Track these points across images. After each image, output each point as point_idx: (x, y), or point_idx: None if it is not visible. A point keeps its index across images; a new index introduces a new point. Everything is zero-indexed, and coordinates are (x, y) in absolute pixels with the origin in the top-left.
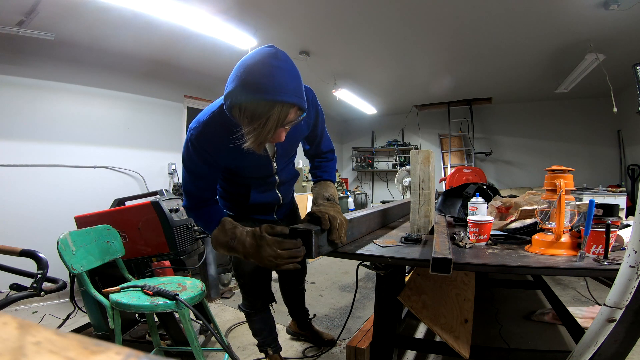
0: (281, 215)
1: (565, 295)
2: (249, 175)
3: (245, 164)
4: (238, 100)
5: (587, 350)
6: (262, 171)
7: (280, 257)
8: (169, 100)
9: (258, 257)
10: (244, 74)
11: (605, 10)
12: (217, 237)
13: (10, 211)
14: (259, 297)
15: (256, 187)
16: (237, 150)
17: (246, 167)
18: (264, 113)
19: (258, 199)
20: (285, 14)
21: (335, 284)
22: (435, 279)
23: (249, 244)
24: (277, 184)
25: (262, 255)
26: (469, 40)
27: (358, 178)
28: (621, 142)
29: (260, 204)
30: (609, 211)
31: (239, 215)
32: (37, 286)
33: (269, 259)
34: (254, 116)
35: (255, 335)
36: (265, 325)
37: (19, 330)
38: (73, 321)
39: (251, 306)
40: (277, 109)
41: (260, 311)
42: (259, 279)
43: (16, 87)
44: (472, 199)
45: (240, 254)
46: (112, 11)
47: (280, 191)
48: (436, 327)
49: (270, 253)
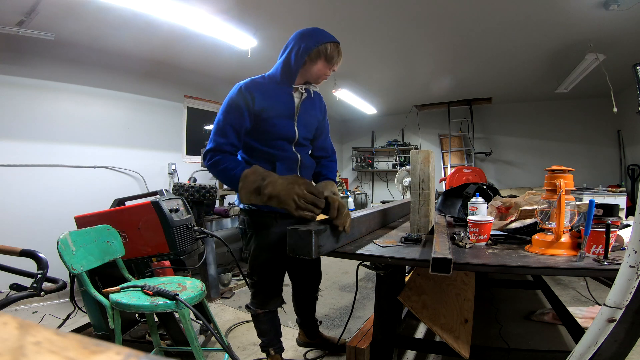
0: None
1: (565, 295)
2: (274, 130)
3: (272, 114)
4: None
5: (587, 350)
6: (285, 129)
7: (305, 197)
8: (169, 100)
9: (286, 194)
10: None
11: (605, 10)
12: (248, 176)
13: (10, 211)
14: (270, 297)
15: (281, 161)
16: (272, 97)
17: (273, 117)
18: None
19: (283, 173)
20: (285, 14)
21: (335, 284)
22: (435, 279)
23: (280, 184)
24: (300, 165)
25: (291, 192)
26: (469, 41)
27: (358, 178)
28: (621, 142)
29: None
30: (609, 211)
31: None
32: (37, 286)
33: (296, 196)
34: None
35: (260, 336)
36: (271, 326)
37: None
38: (73, 321)
39: (260, 305)
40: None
41: (268, 312)
42: (272, 276)
43: (16, 87)
44: (472, 199)
45: (266, 196)
46: (112, 11)
47: (302, 175)
48: (436, 327)
49: (298, 191)
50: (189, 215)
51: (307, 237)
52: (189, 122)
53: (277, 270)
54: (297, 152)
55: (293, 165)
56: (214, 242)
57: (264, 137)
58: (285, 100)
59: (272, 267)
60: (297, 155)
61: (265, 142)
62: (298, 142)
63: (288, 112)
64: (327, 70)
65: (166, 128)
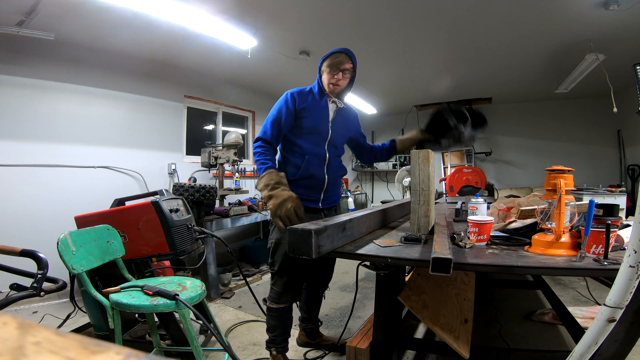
0: (325, 205)
1: (565, 295)
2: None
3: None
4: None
5: (587, 350)
6: (320, 124)
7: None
8: (169, 100)
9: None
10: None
11: (605, 10)
12: (271, 175)
13: (10, 211)
14: (287, 290)
15: (311, 156)
16: (311, 101)
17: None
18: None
19: (309, 168)
20: (285, 14)
21: (335, 284)
22: (435, 279)
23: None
24: (327, 163)
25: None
26: (469, 40)
27: (358, 178)
28: (621, 142)
29: (310, 177)
30: (609, 211)
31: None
32: (37, 286)
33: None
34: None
35: (268, 331)
36: (281, 323)
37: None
38: (73, 321)
39: (277, 299)
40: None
41: (282, 308)
42: (291, 269)
43: (16, 87)
44: (472, 198)
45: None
46: (112, 11)
47: (327, 173)
48: (436, 327)
49: (287, 205)
50: (189, 215)
51: (307, 237)
52: (189, 122)
53: (296, 264)
54: (328, 151)
55: (321, 162)
56: (214, 242)
57: (301, 131)
58: (321, 106)
59: (293, 259)
60: (326, 153)
61: (301, 135)
62: (330, 142)
63: (324, 114)
64: (331, 77)
65: (166, 128)
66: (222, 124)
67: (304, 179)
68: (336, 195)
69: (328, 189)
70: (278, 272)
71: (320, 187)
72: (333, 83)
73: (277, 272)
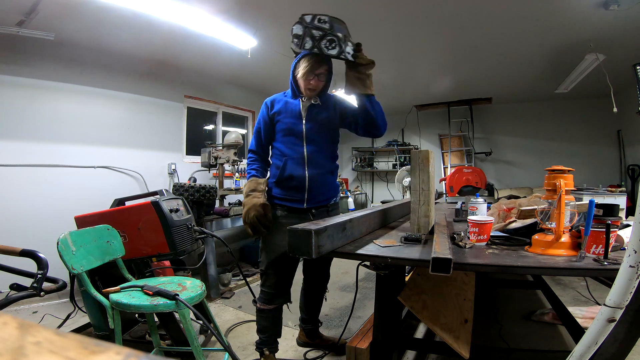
0: (312, 205)
1: (565, 295)
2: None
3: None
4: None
5: (587, 350)
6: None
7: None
8: (169, 100)
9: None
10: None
11: (605, 10)
12: (250, 182)
13: (10, 211)
14: (277, 291)
15: (290, 159)
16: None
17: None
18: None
19: (288, 169)
20: (285, 14)
21: (335, 284)
22: (435, 279)
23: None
24: (307, 162)
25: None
26: (469, 41)
27: (358, 178)
28: (621, 142)
29: (289, 178)
30: (609, 211)
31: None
32: (37, 286)
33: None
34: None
35: (259, 332)
36: (272, 324)
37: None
38: (73, 321)
39: (267, 300)
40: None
41: (272, 309)
42: (279, 269)
43: (16, 87)
44: (472, 198)
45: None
46: (112, 11)
47: (309, 172)
48: (436, 327)
49: (250, 213)
50: (189, 215)
51: (307, 237)
52: (189, 122)
53: (284, 264)
54: (307, 149)
55: (300, 162)
56: (214, 242)
57: (277, 135)
58: (294, 107)
59: (280, 260)
60: (304, 152)
61: (280, 139)
62: (309, 139)
63: (296, 114)
64: (307, 83)
65: (166, 128)
66: (222, 124)
67: (284, 180)
68: (326, 193)
69: (312, 188)
70: (266, 273)
71: (302, 187)
72: (310, 89)
73: (265, 273)
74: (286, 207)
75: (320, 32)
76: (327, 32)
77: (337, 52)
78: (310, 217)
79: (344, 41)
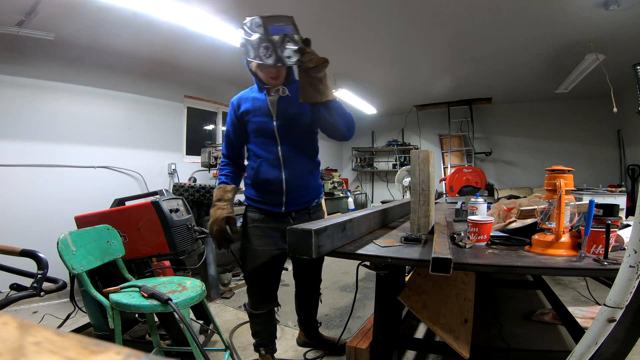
0: (291, 208)
1: (565, 295)
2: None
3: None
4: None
5: (587, 350)
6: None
7: (215, 237)
8: (169, 100)
9: (211, 222)
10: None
11: (605, 10)
12: (217, 191)
13: (10, 211)
14: (262, 298)
15: (264, 160)
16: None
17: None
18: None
19: (263, 172)
20: (285, 14)
21: (335, 284)
22: (435, 279)
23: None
24: (283, 163)
25: (212, 223)
26: (469, 41)
27: (358, 178)
28: (621, 142)
29: (266, 181)
30: (609, 211)
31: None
32: (37, 286)
33: (212, 228)
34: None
35: (253, 336)
36: (265, 327)
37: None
38: (73, 321)
39: (254, 306)
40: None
41: (262, 313)
42: (263, 277)
43: (16, 87)
44: (472, 198)
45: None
46: (112, 11)
47: (286, 174)
48: (436, 327)
49: (213, 227)
50: (189, 215)
51: (307, 237)
52: (189, 122)
53: (266, 270)
54: (282, 149)
55: (275, 163)
56: (213, 242)
57: (249, 136)
58: (261, 103)
59: (262, 267)
60: (279, 152)
61: (252, 140)
62: (282, 138)
63: (265, 111)
64: (266, 75)
65: (166, 128)
66: (222, 124)
67: (260, 183)
68: (306, 195)
69: (291, 191)
70: (249, 280)
71: (279, 190)
72: (272, 77)
73: (249, 280)
74: (263, 211)
75: (257, 39)
76: (262, 38)
77: (274, 60)
78: (290, 221)
79: (280, 45)
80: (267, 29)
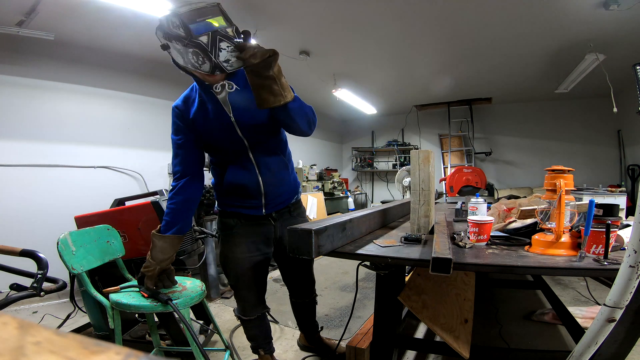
0: (271, 209)
1: (565, 295)
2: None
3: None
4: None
5: (587, 350)
6: (221, 134)
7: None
8: (169, 100)
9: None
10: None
11: (605, 10)
12: (157, 240)
13: (10, 211)
14: (249, 303)
15: (232, 162)
16: (198, 113)
17: (204, 130)
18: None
19: (235, 176)
20: (285, 14)
21: (335, 284)
22: (435, 279)
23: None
24: (257, 165)
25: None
26: (469, 41)
27: (358, 178)
28: (621, 142)
29: (240, 186)
30: (609, 211)
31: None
32: (37, 286)
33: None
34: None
35: (249, 340)
36: (259, 331)
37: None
38: (73, 321)
39: (242, 312)
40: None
41: (253, 319)
42: (247, 285)
43: (16, 87)
44: (472, 198)
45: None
46: (112, 11)
47: (262, 175)
48: (436, 327)
49: (146, 282)
50: None
51: (307, 237)
52: None
53: (251, 277)
54: (249, 148)
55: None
56: (214, 242)
57: (210, 141)
58: (212, 106)
59: (246, 274)
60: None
61: (213, 146)
62: (245, 135)
63: (217, 111)
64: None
65: (166, 128)
66: None
67: (233, 189)
68: (284, 194)
69: (269, 192)
70: (235, 287)
71: (257, 193)
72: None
73: (235, 287)
74: (242, 215)
75: (179, 44)
76: (185, 42)
77: (210, 68)
78: (272, 223)
79: (211, 48)
80: (189, 29)
